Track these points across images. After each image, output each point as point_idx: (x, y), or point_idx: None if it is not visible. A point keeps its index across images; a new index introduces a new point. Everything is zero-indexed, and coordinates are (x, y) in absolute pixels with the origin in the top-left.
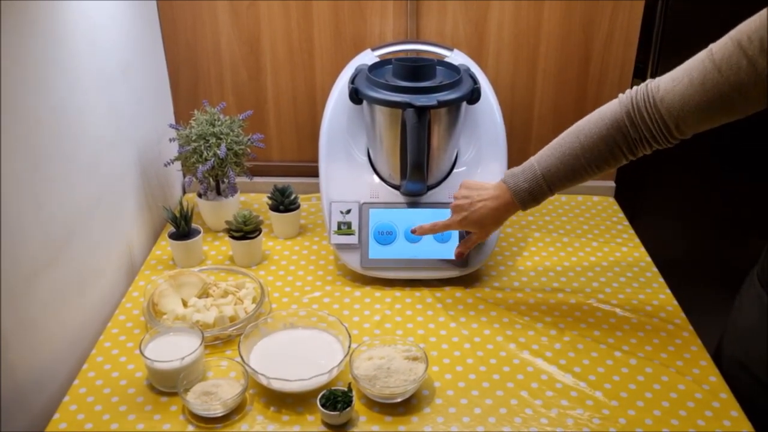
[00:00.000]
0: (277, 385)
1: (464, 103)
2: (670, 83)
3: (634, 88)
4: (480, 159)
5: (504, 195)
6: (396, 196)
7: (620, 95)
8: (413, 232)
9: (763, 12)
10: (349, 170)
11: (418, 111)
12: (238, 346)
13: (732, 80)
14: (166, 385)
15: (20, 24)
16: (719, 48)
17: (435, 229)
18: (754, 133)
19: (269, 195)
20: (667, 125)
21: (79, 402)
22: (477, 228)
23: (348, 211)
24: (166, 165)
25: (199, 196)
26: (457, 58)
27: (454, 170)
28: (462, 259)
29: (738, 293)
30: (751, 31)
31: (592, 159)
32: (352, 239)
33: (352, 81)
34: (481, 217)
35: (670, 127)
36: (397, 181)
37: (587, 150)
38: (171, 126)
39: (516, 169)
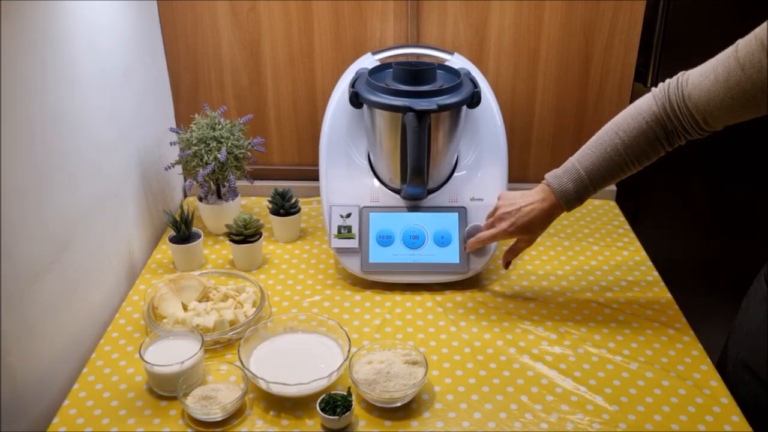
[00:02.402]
0: (276, 389)
1: (464, 107)
2: (698, 78)
3: (667, 81)
4: (480, 163)
5: (549, 197)
6: (396, 200)
7: (653, 89)
8: (466, 248)
9: None
10: (350, 174)
11: (419, 115)
12: (238, 350)
13: (754, 78)
14: (165, 389)
15: (20, 27)
16: (744, 45)
17: (484, 239)
18: (756, 135)
19: (270, 199)
20: (695, 119)
21: (79, 406)
22: (525, 233)
23: (348, 215)
24: (166, 169)
25: (200, 199)
26: (457, 61)
27: (455, 174)
28: (509, 266)
29: (746, 295)
30: None
31: (634, 154)
32: (353, 243)
33: (353, 85)
34: (531, 221)
35: (698, 120)
36: (397, 185)
37: (628, 146)
38: (172, 130)
39: (557, 171)
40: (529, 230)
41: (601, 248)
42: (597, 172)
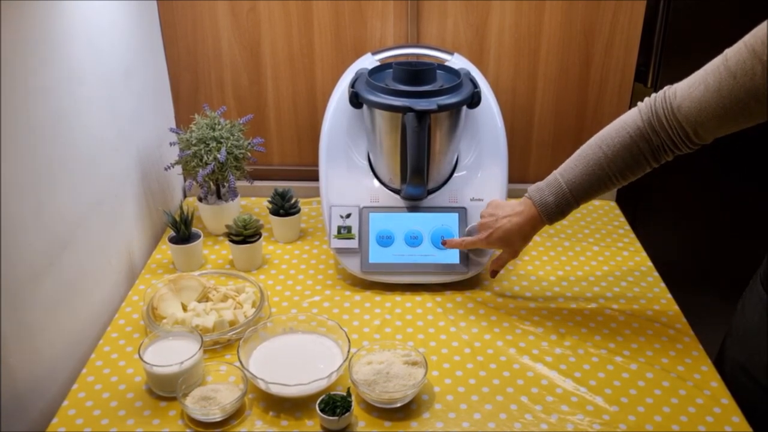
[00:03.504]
0: (276, 390)
1: (465, 107)
2: (687, 90)
3: (653, 95)
4: (480, 163)
5: (529, 210)
6: (396, 200)
7: (639, 103)
8: (444, 243)
9: None
10: (350, 174)
11: (419, 115)
12: (238, 351)
13: (748, 86)
14: (165, 390)
15: (20, 27)
16: (734, 53)
17: (464, 244)
18: (756, 138)
19: (269, 199)
20: (685, 131)
21: (78, 406)
22: (503, 245)
23: (348, 215)
24: (166, 169)
25: (200, 200)
26: (457, 62)
27: (455, 174)
28: (495, 276)
29: (741, 296)
30: (764, 36)
31: (617, 168)
32: (352, 243)
33: (353, 85)
34: (506, 233)
35: (689, 133)
36: (397, 185)
37: (611, 160)
38: (171, 130)
39: (540, 184)
40: (506, 242)
41: (601, 249)
42: (579, 185)
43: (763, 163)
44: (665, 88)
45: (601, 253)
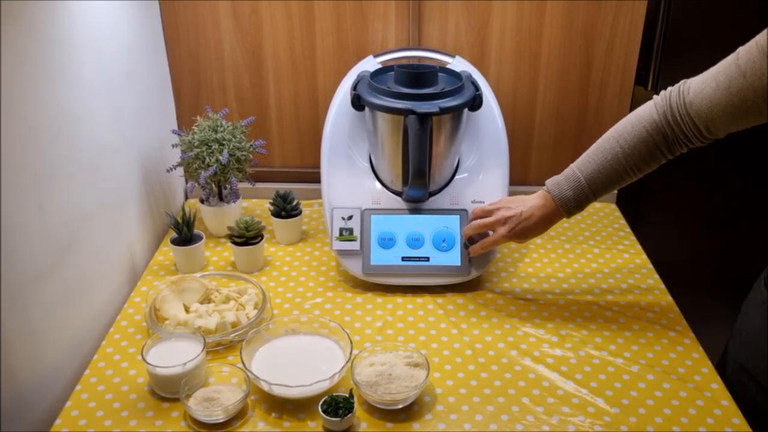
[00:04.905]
0: (278, 391)
1: (466, 110)
2: (700, 86)
3: (669, 89)
4: (482, 165)
5: (549, 203)
6: (398, 202)
7: (655, 96)
8: (471, 253)
9: None
10: (351, 176)
11: (420, 118)
12: (240, 352)
13: (756, 86)
14: (167, 391)
15: (22, 30)
16: (745, 52)
17: (486, 246)
18: (758, 139)
19: (271, 201)
20: (697, 127)
21: (81, 407)
22: (523, 238)
23: (350, 217)
24: (168, 171)
25: (202, 201)
26: (458, 64)
27: (456, 176)
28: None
29: (745, 299)
30: None
31: (634, 162)
32: (354, 245)
33: (355, 87)
34: (530, 227)
35: (701, 128)
36: (398, 188)
37: (628, 154)
38: (174, 132)
39: (558, 178)
40: (526, 235)
41: (601, 251)
42: (597, 179)
43: (765, 165)
44: (681, 82)
45: (601, 255)
